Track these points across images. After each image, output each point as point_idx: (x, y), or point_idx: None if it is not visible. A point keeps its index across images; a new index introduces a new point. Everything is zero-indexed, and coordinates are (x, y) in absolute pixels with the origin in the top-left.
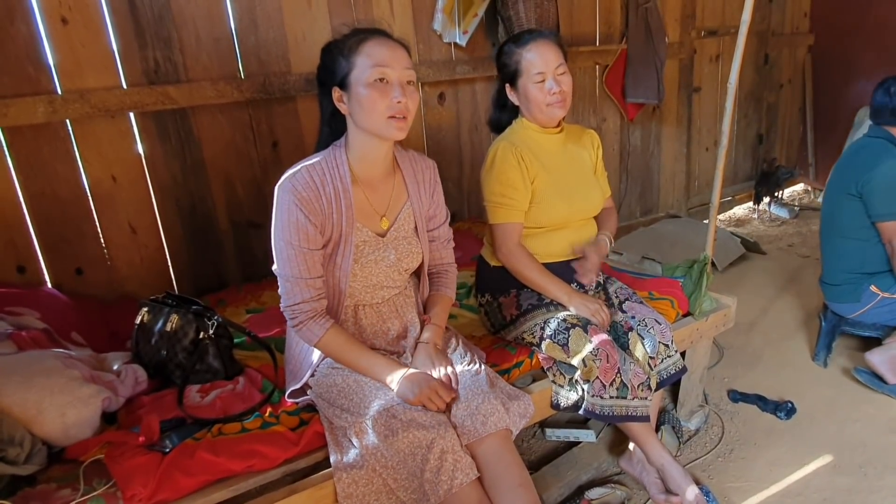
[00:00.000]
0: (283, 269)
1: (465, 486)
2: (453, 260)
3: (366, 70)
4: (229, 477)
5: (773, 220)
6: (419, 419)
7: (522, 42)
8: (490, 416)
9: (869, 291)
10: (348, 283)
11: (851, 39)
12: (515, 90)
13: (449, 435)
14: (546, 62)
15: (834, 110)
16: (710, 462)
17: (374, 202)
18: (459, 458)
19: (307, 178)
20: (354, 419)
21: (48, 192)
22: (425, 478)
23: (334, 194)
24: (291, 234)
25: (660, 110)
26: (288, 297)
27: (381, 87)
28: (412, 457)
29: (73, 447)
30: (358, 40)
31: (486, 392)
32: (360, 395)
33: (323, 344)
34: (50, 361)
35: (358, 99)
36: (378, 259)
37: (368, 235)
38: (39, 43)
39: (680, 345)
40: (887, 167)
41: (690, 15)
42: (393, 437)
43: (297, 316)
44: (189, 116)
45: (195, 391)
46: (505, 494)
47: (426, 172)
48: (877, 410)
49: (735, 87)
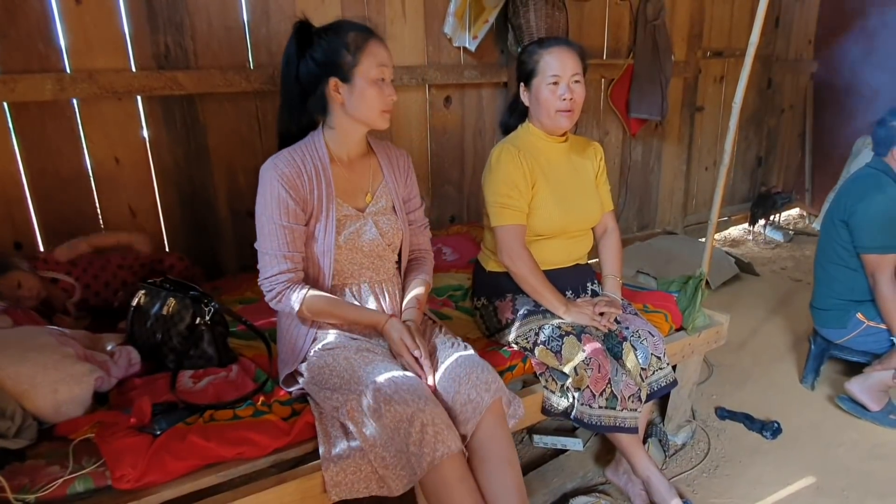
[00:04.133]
0: (263, 244)
1: (447, 461)
2: (430, 247)
3: (371, 69)
4: (219, 463)
5: (767, 243)
6: (401, 393)
7: (546, 45)
8: (492, 383)
9: (855, 318)
10: (333, 258)
11: (854, 69)
12: (528, 90)
13: (429, 408)
14: (564, 67)
15: (833, 138)
16: (695, 477)
17: (352, 180)
18: (440, 430)
19: (289, 157)
20: (346, 398)
21: (50, 169)
22: (410, 451)
23: (314, 172)
24: (273, 209)
25: (662, 127)
26: (265, 269)
27: (381, 85)
28: (396, 432)
29: (63, 424)
30: (363, 38)
31: (482, 363)
32: (351, 372)
33: (307, 309)
34: (44, 338)
35: (361, 93)
36: (360, 232)
37: (349, 210)
38: (52, 21)
39: (672, 358)
40: (875, 201)
41: (698, 35)
42: (379, 412)
43: (275, 287)
44: (196, 103)
45: (188, 376)
46: (492, 470)
47: (400, 159)
48: (860, 436)
49: (739, 108)
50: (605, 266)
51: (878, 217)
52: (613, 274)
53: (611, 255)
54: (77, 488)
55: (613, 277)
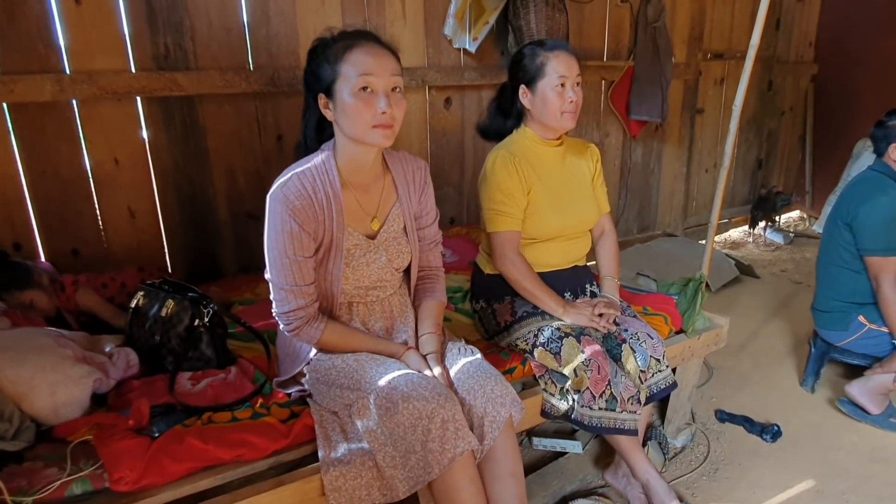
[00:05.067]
0: (277, 278)
1: (464, 460)
2: (441, 264)
3: (351, 79)
4: (217, 465)
5: (767, 245)
6: (419, 390)
7: (549, 46)
8: (506, 396)
9: (857, 321)
10: (340, 286)
11: (854, 71)
12: (532, 92)
13: (449, 405)
14: (570, 69)
15: (833, 140)
16: (695, 480)
17: (364, 205)
18: (461, 426)
19: (298, 186)
20: (357, 395)
21: (49, 171)
22: (429, 448)
23: (325, 200)
24: (286, 244)
25: (662, 129)
26: (281, 304)
27: (366, 96)
28: (412, 429)
29: (61, 426)
30: (344, 47)
31: (496, 375)
32: (361, 371)
33: (323, 342)
34: (43, 339)
35: (343, 108)
36: (370, 261)
37: (359, 239)
38: (51, 22)
39: (671, 361)
40: (879, 203)
41: (698, 37)
42: (395, 409)
43: (292, 322)
44: (195, 104)
45: (186, 378)
46: (496, 480)
47: (417, 173)
48: (860, 439)
49: (739, 110)
50: (602, 267)
51: (882, 219)
52: (611, 275)
53: (608, 257)
54: (75, 490)
55: (611, 278)
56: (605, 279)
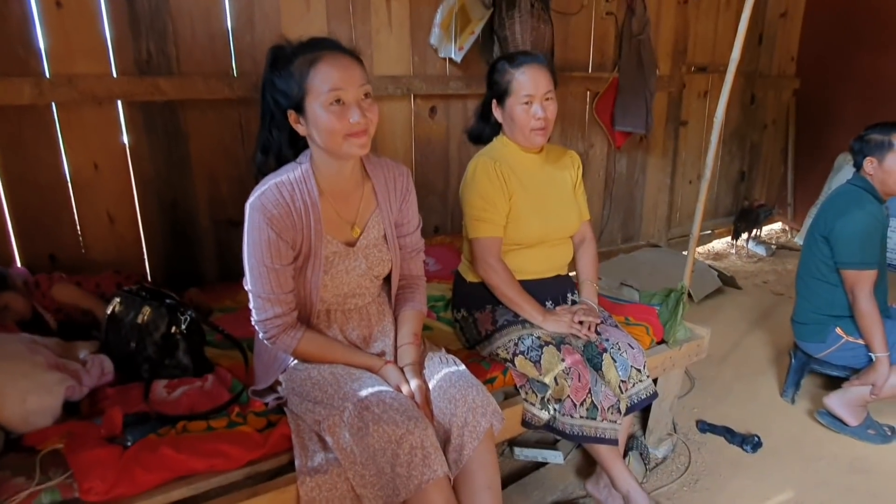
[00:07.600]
0: (255, 286)
1: (433, 485)
2: (422, 273)
3: (321, 94)
4: (190, 475)
5: (750, 257)
6: (390, 413)
7: (517, 63)
8: (487, 406)
9: (834, 333)
10: (319, 294)
11: (835, 86)
12: (502, 108)
13: (419, 430)
14: (536, 86)
15: (814, 153)
16: (675, 491)
17: (342, 213)
18: (429, 454)
19: (276, 195)
20: (328, 412)
21: (28, 175)
22: (396, 472)
23: (304, 208)
24: (264, 253)
25: (647, 140)
26: (259, 312)
27: (338, 109)
28: (381, 452)
29: (31, 435)
30: (308, 61)
31: (477, 385)
32: (336, 386)
33: (300, 352)
34: (14, 345)
35: (315, 123)
36: (349, 269)
37: (338, 247)
38: (32, 25)
39: (652, 371)
40: (855, 217)
41: (682, 50)
42: (365, 431)
43: (269, 330)
44: (178, 110)
45: (162, 386)
46: (473, 493)
47: (398, 179)
48: (840, 450)
49: (721, 123)
50: (581, 273)
51: (858, 233)
52: (590, 280)
53: (587, 263)
54: (43, 501)
55: (590, 283)
56: (584, 283)
